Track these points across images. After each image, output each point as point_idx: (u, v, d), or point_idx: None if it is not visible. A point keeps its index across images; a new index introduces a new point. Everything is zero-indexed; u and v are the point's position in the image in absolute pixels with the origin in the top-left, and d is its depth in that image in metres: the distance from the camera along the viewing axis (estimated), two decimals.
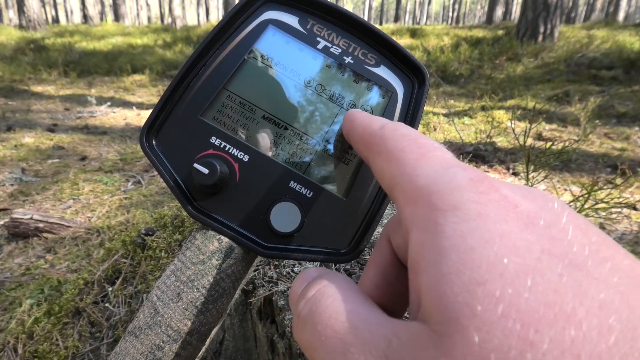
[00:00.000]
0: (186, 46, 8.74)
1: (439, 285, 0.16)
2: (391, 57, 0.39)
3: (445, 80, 6.53)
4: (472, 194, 0.18)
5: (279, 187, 0.36)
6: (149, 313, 0.32)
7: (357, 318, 0.20)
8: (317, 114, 0.38)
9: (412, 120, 0.38)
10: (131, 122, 4.37)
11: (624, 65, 5.95)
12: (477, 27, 10.02)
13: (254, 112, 0.37)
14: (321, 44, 0.39)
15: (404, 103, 0.39)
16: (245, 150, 0.36)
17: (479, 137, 3.58)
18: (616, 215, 2.16)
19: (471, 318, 0.15)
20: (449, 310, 0.15)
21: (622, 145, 3.50)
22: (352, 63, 0.39)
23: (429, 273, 0.17)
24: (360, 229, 0.36)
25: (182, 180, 0.36)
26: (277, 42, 0.38)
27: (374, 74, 0.39)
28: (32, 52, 8.00)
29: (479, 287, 0.15)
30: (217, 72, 0.37)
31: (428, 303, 0.17)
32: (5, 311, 1.36)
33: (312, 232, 0.36)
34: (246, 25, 0.38)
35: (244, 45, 0.38)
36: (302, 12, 0.39)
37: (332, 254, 0.36)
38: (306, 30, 0.39)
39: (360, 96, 0.38)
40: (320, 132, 0.37)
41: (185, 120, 0.36)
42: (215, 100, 0.37)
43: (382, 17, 40.41)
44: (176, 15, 12.91)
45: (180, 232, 1.33)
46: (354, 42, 0.39)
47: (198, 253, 0.34)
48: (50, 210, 2.26)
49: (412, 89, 0.39)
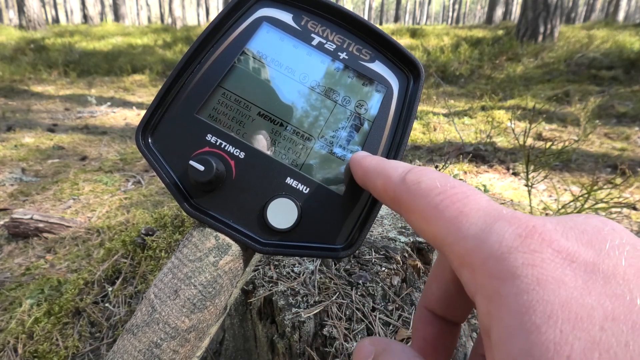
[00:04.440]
0: (186, 46, 8.74)
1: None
2: (386, 52, 0.39)
3: (445, 80, 6.53)
4: (526, 254, 0.18)
5: (275, 184, 0.36)
6: (147, 311, 0.32)
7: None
8: (312, 111, 0.38)
9: (407, 115, 0.38)
10: (131, 122, 4.37)
11: (624, 65, 5.95)
12: (477, 27, 10.01)
13: (249, 110, 0.37)
14: (316, 40, 0.39)
15: (399, 98, 0.39)
16: (241, 147, 0.36)
17: (479, 137, 3.58)
18: (616, 215, 2.16)
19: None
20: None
21: (622, 145, 3.50)
22: (346, 59, 0.39)
23: (501, 351, 0.17)
24: (357, 225, 0.36)
25: (178, 177, 0.36)
26: (271, 39, 0.39)
27: (369, 69, 0.39)
28: (32, 52, 8.00)
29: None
30: (212, 69, 0.37)
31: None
32: (5, 311, 1.36)
33: (309, 228, 0.36)
34: (240, 23, 0.39)
35: (238, 42, 0.38)
36: (296, 9, 0.39)
37: (329, 250, 0.36)
38: (300, 27, 0.39)
39: (355, 92, 0.38)
40: (316, 128, 0.37)
41: (180, 118, 0.37)
42: (211, 98, 0.37)
43: (382, 17, 40.40)
44: (176, 16, 12.91)
45: (180, 232, 1.33)
46: (349, 38, 0.39)
47: (195, 250, 0.34)
48: (50, 210, 2.26)
49: (407, 83, 0.39)
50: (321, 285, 0.72)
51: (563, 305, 0.16)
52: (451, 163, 2.96)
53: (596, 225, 0.19)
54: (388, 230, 0.89)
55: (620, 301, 0.16)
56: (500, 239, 0.19)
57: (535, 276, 0.17)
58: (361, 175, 0.31)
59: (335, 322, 0.66)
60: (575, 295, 0.16)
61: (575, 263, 0.17)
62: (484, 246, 0.19)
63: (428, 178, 0.24)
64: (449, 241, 0.21)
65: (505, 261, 0.18)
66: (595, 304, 0.16)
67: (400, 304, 0.72)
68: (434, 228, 0.22)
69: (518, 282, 0.17)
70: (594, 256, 0.18)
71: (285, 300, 0.69)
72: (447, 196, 0.23)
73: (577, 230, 0.19)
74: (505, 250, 0.18)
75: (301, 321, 0.65)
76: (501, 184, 2.76)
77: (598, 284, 0.17)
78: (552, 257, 0.18)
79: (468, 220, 0.21)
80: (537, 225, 0.19)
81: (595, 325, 0.15)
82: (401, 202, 0.25)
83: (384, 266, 0.76)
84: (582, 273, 0.17)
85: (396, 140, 0.38)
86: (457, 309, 0.28)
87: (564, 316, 0.16)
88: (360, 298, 0.70)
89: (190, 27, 11.39)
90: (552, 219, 0.20)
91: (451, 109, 4.79)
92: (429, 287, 0.29)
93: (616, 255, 0.18)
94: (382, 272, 0.75)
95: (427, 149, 3.45)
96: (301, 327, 0.65)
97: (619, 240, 0.18)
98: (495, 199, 2.45)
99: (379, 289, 0.72)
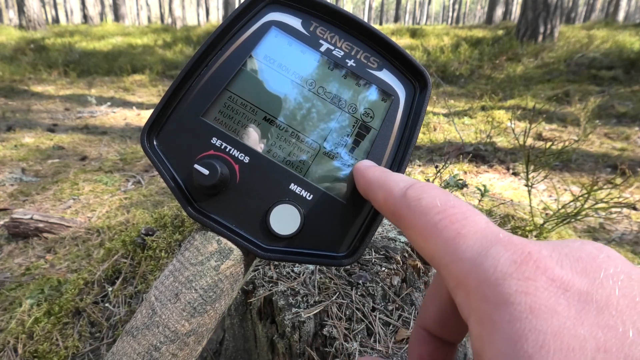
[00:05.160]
0: (186, 46, 8.74)
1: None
2: (394, 61, 0.39)
3: (445, 80, 6.53)
4: (520, 281, 0.18)
5: (279, 189, 0.36)
6: (147, 313, 0.32)
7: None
8: (318, 117, 0.38)
9: (413, 125, 0.38)
10: (131, 122, 4.37)
11: (624, 65, 5.95)
12: (477, 27, 10.01)
13: (255, 114, 0.37)
14: (324, 46, 0.39)
15: (406, 107, 0.38)
16: (246, 151, 0.36)
17: (479, 137, 3.58)
18: (616, 215, 2.16)
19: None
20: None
21: (622, 145, 3.50)
22: (354, 66, 0.39)
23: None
24: (360, 233, 0.36)
25: (182, 180, 0.36)
26: (279, 44, 0.38)
27: (376, 78, 0.39)
28: (32, 52, 8.00)
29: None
30: (220, 72, 0.37)
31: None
32: (5, 311, 1.36)
33: (312, 235, 0.36)
34: (249, 27, 0.38)
35: (246, 46, 0.38)
36: (305, 14, 0.39)
37: (331, 258, 0.36)
38: (309, 32, 0.39)
39: (362, 99, 0.38)
40: (322, 135, 0.37)
41: (186, 120, 0.36)
42: (217, 101, 0.37)
43: (382, 17, 40.39)
44: (176, 16, 12.90)
45: (180, 232, 1.33)
46: (357, 45, 0.39)
47: (197, 254, 0.34)
48: (50, 210, 2.26)
49: (413, 93, 0.39)
50: (321, 285, 0.72)
51: (555, 335, 0.16)
52: (451, 163, 2.96)
53: (591, 252, 0.19)
54: (388, 230, 0.89)
55: (613, 333, 0.16)
56: (496, 264, 0.19)
57: (528, 304, 0.17)
58: (363, 185, 0.31)
59: (335, 322, 0.66)
60: (567, 325, 0.16)
61: (569, 292, 0.18)
62: (479, 270, 0.19)
63: (429, 195, 0.24)
64: (446, 261, 0.21)
65: (499, 287, 0.18)
66: (588, 335, 0.16)
67: (400, 304, 0.72)
68: (432, 247, 0.22)
69: (511, 309, 0.18)
70: (588, 285, 0.18)
71: (285, 300, 0.69)
72: (447, 216, 0.23)
73: (572, 257, 0.19)
74: (499, 275, 0.19)
75: (301, 321, 0.65)
76: (501, 184, 2.76)
77: (591, 315, 0.17)
78: (546, 286, 0.18)
79: (465, 243, 0.21)
80: (533, 251, 0.19)
81: (587, 356, 0.16)
82: (401, 217, 0.25)
83: (384, 266, 0.76)
84: (575, 302, 0.17)
85: (401, 150, 0.38)
86: (453, 329, 0.28)
87: (556, 346, 0.16)
88: (360, 298, 0.70)
89: (190, 27, 11.39)
90: (548, 245, 0.20)
91: (451, 109, 4.79)
92: (425, 307, 0.29)
93: (610, 285, 0.18)
94: (382, 272, 0.75)
95: (427, 149, 3.45)
96: (301, 327, 0.65)
97: (613, 269, 0.18)
98: (495, 199, 2.45)
99: (379, 289, 0.72)
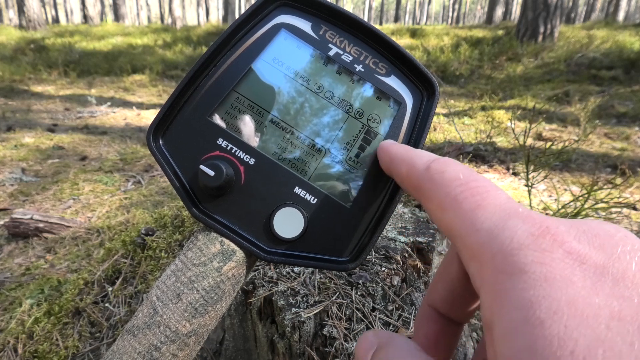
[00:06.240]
0: (186, 46, 8.74)
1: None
2: (402, 67, 0.39)
3: (445, 80, 6.53)
4: (536, 252, 0.18)
5: (283, 192, 0.36)
6: (148, 313, 0.32)
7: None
8: (325, 120, 0.38)
9: (419, 132, 0.38)
10: (131, 122, 4.37)
11: (624, 65, 5.95)
12: (477, 27, 10.02)
13: (262, 116, 0.37)
14: (333, 50, 0.39)
15: (413, 114, 0.38)
16: (251, 153, 0.36)
17: (479, 137, 3.58)
18: (616, 215, 2.16)
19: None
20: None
21: (622, 145, 3.50)
22: (362, 71, 0.38)
23: (503, 345, 0.17)
24: (363, 238, 0.36)
25: (187, 181, 0.36)
26: (288, 47, 0.38)
27: (383, 83, 0.39)
28: (32, 52, 8.00)
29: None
30: (227, 73, 0.37)
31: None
32: (5, 311, 1.36)
33: (315, 239, 0.36)
34: (259, 28, 0.38)
35: (255, 48, 0.38)
36: (315, 17, 0.39)
37: (334, 262, 0.36)
38: (318, 36, 0.39)
39: (369, 105, 0.38)
40: (328, 138, 0.37)
41: (192, 120, 0.36)
42: (224, 102, 0.37)
43: (382, 17, 40.39)
44: (176, 16, 12.90)
45: (180, 232, 1.33)
46: (366, 51, 0.39)
47: (199, 254, 0.34)
48: (50, 210, 2.26)
49: (421, 100, 0.39)
50: (321, 285, 0.72)
51: (569, 303, 0.16)
52: None
53: (609, 230, 0.19)
54: (388, 230, 0.89)
55: (628, 303, 0.16)
56: (512, 235, 0.19)
57: (543, 273, 0.17)
58: (387, 161, 0.31)
59: (335, 322, 0.66)
60: (582, 294, 0.16)
61: (585, 265, 0.18)
62: (495, 241, 0.19)
63: (452, 169, 0.25)
64: (463, 233, 0.21)
65: (514, 257, 0.18)
66: (603, 304, 0.16)
67: (400, 304, 0.72)
68: (450, 218, 0.23)
69: (525, 277, 0.17)
70: (605, 259, 0.18)
71: (285, 300, 0.69)
72: (468, 188, 0.23)
73: (589, 234, 0.19)
74: (515, 246, 0.19)
75: (301, 321, 0.65)
76: (501, 184, 2.76)
77: (607, 286, 0.17)
78: (562, 257, 0.18)
79: (484, 214, 0.21)
80: (551, 226, 0.19)
81: (601, 323, 0.16)
82: (422, 189, 0.26)
83: (384, 266, 0.76)
84: (591, 274, 0.17)
85: None
86: (461, 308, 0.28)
87: (570, 313, 0.16)
88: (360, 298, 0.70)
89: (190, 27, 11.38)
90: (566, 222, 0.20)
91: (451, 109, 4.79)
92: (435, 285, 0.29)
93: (627, 259, 0.18)
94: (382, 272, 0.75)
95: (427, 149, 3.44)
96: (301, 327, 0.65)
97: (630, 247, 0.18)
98: None
99: (379, 289, 0.72)
